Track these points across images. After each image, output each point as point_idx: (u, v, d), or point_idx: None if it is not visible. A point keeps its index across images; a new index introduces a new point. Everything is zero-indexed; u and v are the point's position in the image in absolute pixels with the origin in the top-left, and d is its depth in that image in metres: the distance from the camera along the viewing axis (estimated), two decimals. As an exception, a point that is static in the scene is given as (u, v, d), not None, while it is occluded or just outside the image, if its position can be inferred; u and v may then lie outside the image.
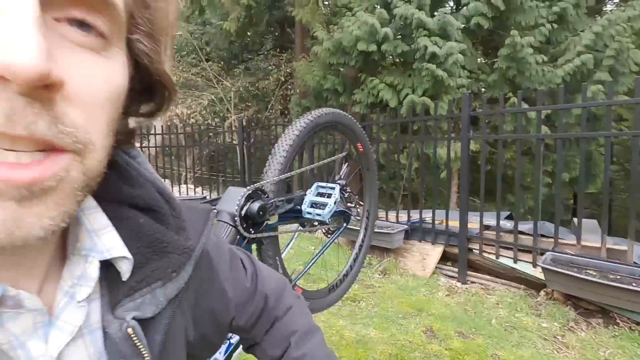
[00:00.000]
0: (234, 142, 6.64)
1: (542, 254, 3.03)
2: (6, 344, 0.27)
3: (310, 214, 1.22)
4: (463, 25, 6.48)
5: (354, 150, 1.61)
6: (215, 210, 0.99)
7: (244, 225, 1.04)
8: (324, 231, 1.63)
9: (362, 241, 1.75)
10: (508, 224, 3.62)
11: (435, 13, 6.00)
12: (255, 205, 1.04)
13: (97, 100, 0.26)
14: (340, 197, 1.50)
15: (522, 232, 3.33)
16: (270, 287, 0.57)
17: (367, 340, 2.32)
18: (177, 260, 0.37)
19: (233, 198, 1.05)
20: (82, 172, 0.26)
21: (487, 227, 3.61)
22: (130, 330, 0.32)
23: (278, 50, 11.05)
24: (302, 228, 1.49)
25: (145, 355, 0.33)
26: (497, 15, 6.57)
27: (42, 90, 0.22)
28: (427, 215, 4.01)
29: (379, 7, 6.24)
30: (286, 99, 10.48)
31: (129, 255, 0.33)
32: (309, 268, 1.48)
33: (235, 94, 10.08)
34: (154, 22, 0.30)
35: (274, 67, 10.58)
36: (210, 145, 7.43)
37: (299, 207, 1.26)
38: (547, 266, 2.73)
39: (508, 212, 4.27)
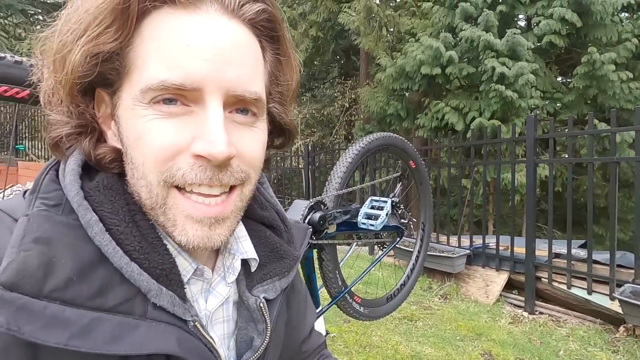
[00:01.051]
0: (300, 166, 7.02)
1: (619, 285, 2.80)
2: (191, 298, 0.45)
3: (364, 224, 1.39)
4: (535, 45, 6.29)
5: (407, 169, 1.75)
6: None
7: (307, 232, 1.25)
8: (378, 245, 1.77)
9: (419, 252, 1.85)
10: (581, 253, 3.39)
11: (505, 33, 5.90)
12: (317, 215, 1.24)
13: (253, 154, 0.42)
14: (393, 213, 1.64)
15: (597, 262, 3.10)
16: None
17: (421, 357, 2.35)
18: (288, 264, 0.53)
19: (298, 209, 1.26)
20: (242, 200, 0.43)
21: (558, 255, 3.41)
22: (262, 304, 0.48)
23: (343, 77, 11.52)
24: (358, 240, 1.66)
25: (268, 322, 0.49)
26: (572, 32, 6.27)
27: (226, 161, 0.38)
28: (491, 240, 3.89)
29: (443, 31, 6.32)
30: (350, 124, 10.79)
31: (257, 258, 0.50)
32: (364, 275, 1.63)
33: (302, 120, 10.65)
34: (282, 94, 0.48)
35: (339, 94, 11.02)
36: (278, 169, 7.91)
37: (354, 220, 1.44)
38: (627, 299, 2.53)
39: (583, 241, 3.97)
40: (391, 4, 8.96)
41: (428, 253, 3.30)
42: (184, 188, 0.38)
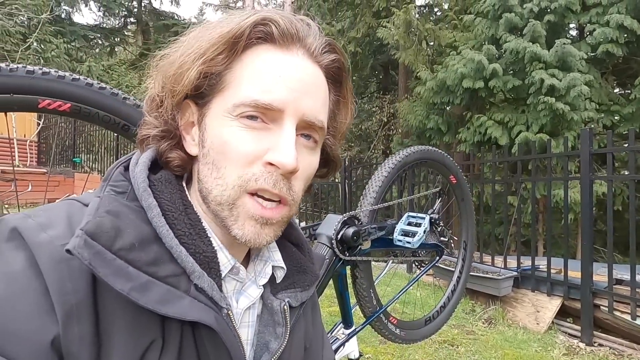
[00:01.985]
0: (337, 180, 7.00)
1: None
2: (225, 294, 0.49)
3: (400, 241, 1.32)
4: (588, 55, 5.92)
5: (447, 184, 1.67)
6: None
7: (340, 248, 1.20)
8: (416, 263, 1.68)
9: (460, 272, 1.74)
10: (649, 280, 3.05)
11: (554, 44, 5.59)
12: (350, 231, 1.19)
13: (307, 176, 0.50)
14: (432, 230, 1.56)
15: (667, 291, 2.77)
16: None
17: (464, 387, 2.18)
18: (310, 279, 0.58)
19: (331, 223, 1.21)
20: (288, 215, 0.50)
21: (619, 282, 3.09)
22: (286, 307, 0.53)
23: (381, 92, 11.47)
24: (394, 257, 1.59)
25: (288, 325, 0.53)
26: (632, 40, 5.84)
27: (290, 174, 0.46)
28: (541, 262, 3.61)
29: (486, 43, 6.12)
30: (388, 139, 10.67)
31: (285, 267, 0.56)
32: (401, 295, 1.54)
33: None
34: (336, 129, 0.56)
35: (377, 108, 10.97)
36: (314, 184, 7.92)
37: (390, 236, 1.37)
38: None
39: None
40: (431, 18, 8.87)
41: (471, 273, 3.12)
42: (253, 193, 0.45)
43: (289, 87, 0.45)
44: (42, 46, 9.77)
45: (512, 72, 6.14)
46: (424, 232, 1.33)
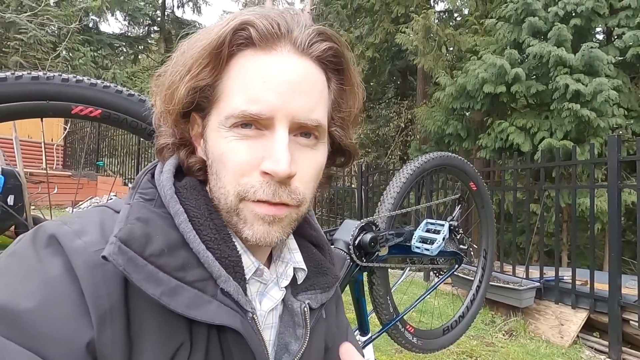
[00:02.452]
0: (353, 186, 6.96)
1: None
2: (250, 296, 0.50)
3: (418, 248, 1.29)
4: (616, 59, 5.72)
5: (467, 191, 1.63)
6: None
7: (357, 254, 1.18)
8: (434, 271, 1.65)
9: (480, 281, 1.70)
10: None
11: (580, 48, 5.43)
12: (367, 237, 1.18)
13: (310, 176, 0.49)
14: (451, 238, 1.52)
15: None
16: None
17: (484, 401, 2.11)
18: (330, 281, 0.58)
19: (348, 229, 1.20)
20: (296, 215, 0.49)
21: (650, 295, 2.94)
22: (306, 309, 0.53)
23: (399, 98, 11.39)
24: (412, 265, 1.56)
25: (308, 327, 0.53)
26: (664, 42, 5.62)
27: (287, 180, 0.45)
28: (566, 273, 3.49)
29: (508, 48, 6.00)
30: (406, 144, 10.57)
31: (306, 269, 0.56)
32: (418, 303, 1.51)
33: (357, 141, 10.63)
34: (344, 119, 0.53)
35: (394, 114, 10.90)
36: (330, 189, 7.92)
37: (408, 243, 1.35)
38: None
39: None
40: (451, 23, 8.78)
41: (491, 283, 3.04)
42: (253, 200, 0.46)
43: (275, 92, 0.44)
44: (71, 54, 10.17)
45: (535, 77, 5.99)
46: (443, 239, 1.30)
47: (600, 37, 7.10)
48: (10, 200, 3.72)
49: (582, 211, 4.62)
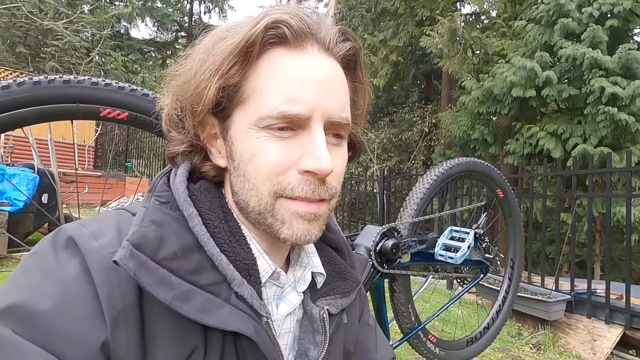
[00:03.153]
0: (375, 190, 6.89)
1: None
2: (266, 300, 0.50)
3: (442, 256, 1.25)
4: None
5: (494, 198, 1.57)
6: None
7: (378, 260, 1.16)
8: (458, 280, 1.59)
9: (507, 292, 1.63)
10: None
11: (617, 50, 5.18)
12: (389, 243, 1.15)
13: (341, 171, 0.50)
14: (477, 246, 1.47)
15: None
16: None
17: (509, 418, 2.02)
18: (350, 285, 0.57)
19: (369, 234, 1.18)
20: (329, 209, 0.50)
21: (694, 313, 2.75)
22: (325, 315, 0.52)
23: (423, 102, 11.23)
24: (435, 273, 1.51)
25: (327, 333, 0.52)
26: None
27: (326, 177, 0.46)
28: (599, 286, 3.31)
29: (539, 50, 5.80)
30: (430, 149, 10.39)
31: (324, 273, 0.55)
32: (441, 312, 1.46)
33: (379, 145, 10.56)
34: (357, 116, 0.55)
35: (418, 118, 10.75)
36: (352, 193, 7.88)
37: (431, 251, 1.31)
38: None
39: None
40: (478, 26, 8.59)
41: (518, 294, 2.93)
42: (291, 197, 0.45)
43: (312, 92, 0.44)
44: (103, 59, 10.61)
45: (567, 80, 5.77)
46: (468, 247, 1.26)
47: (638, 38, 6.77)
48: (44, 198, 3.89)
49: (617, 221, 4.39)
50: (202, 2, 17.82)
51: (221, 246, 0.45)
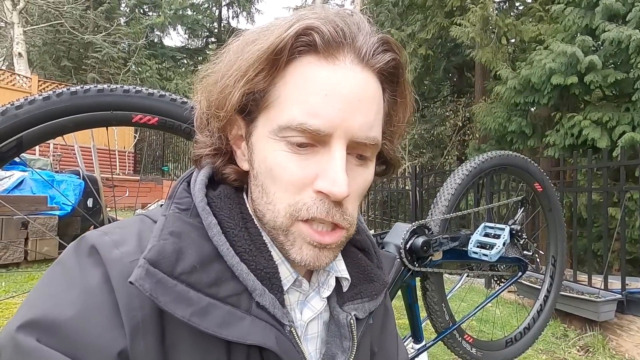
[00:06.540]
0: (407, 187, 6.77)
1: None
2: (289, 306, 0.49)
3: (476, 253, 1.20)
4: None
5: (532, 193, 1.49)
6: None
7: (409, 258, 1.13)
8: (495, 279, 1.53)
9: (548, 291, 1.55)
10: None
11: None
12: (420, 240, 1.12)
13: (360, 194, 0.47)
14: (514, 243, 1.40)
15: None
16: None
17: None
18: (378, 288, 0.55)
19: (399, 232, 1.15)
20: (345, 238, 0.47)
21: None
22: (352, 320, 0.51)
23: (455, 95, 10.89)
24: (470, 271, 1.46)
25: (355, 339, 0.51)
26: None
27: (341, 200, 0.43)
28: (655, 284, 3.07)
29: (579, 34, 5.45)
30: (464, 144, 10.07)
31: (349, 277, 0.53)
32: (477, 312, 1.41)
33: (410, 141, 10.35)
34: (393, 134, 0.52)
35: (450, 112, 10.43)
36: (384, 191, 7.78)
37: (465, 248, 1.26)
38: None
39: None
40: (512, 13, 8.22)
41: (562, 293, 2.77)
42: (306, 218, 0.43)
43: (336, 107, 0.41)
44: (139, 68, 11.12)
45: (612, 65, 5.39)
46: (504, 244, 1.20)
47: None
48: (90, 202, 4.13)
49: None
50: (230, 7, 18.27)
51: (241, 255, 0.44)
